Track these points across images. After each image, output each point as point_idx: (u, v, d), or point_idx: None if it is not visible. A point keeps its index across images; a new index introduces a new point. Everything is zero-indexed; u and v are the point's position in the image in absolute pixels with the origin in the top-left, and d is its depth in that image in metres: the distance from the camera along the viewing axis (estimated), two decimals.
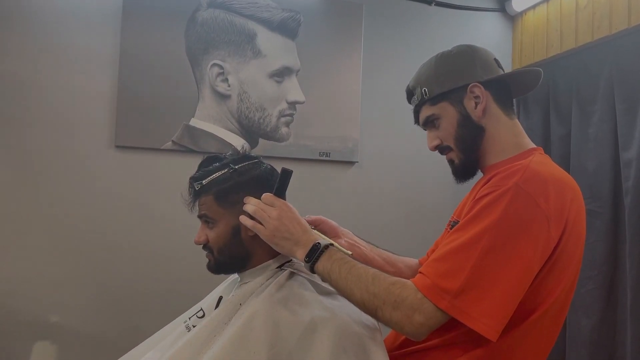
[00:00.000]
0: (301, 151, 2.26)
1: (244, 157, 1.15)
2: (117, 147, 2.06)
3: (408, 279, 1.25)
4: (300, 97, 2.27)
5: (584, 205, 1.09)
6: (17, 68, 1.97)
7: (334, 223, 1.32)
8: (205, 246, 1.13)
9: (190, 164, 1.26)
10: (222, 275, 1.22)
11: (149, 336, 1.25)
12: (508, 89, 1.20)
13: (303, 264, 1.04)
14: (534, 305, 0.99)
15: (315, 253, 1.02)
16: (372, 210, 2.40)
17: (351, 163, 2.36)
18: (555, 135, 2.35)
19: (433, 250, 1.37)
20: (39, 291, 1.99)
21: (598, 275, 2.10)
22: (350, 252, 1.06)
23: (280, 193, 1.09)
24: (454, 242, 0.97)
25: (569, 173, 2.22)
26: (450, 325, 0.97)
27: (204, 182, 1.10)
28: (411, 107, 1.25)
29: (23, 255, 1.98)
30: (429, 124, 1.20)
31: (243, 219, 1.06)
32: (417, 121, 1.25)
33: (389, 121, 2.42)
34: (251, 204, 1.06)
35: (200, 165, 1.15)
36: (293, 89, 2.26)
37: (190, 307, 1.28)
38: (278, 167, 1.15)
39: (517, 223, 0.94)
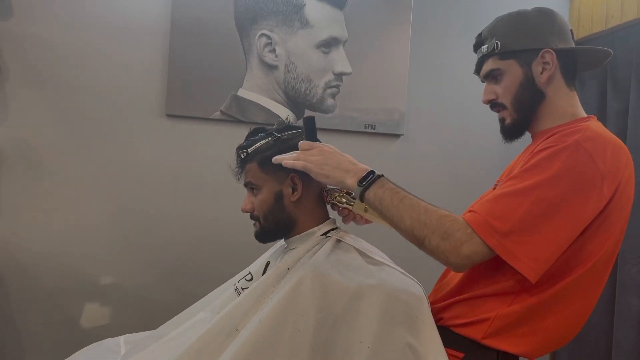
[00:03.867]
0: (346, 123, 2.26)
1: (287, 126, 1.20)
2: (168, 115, 2.12)
3: None
4: (347, 68, 2.25)
5: (634, 171, 1.11)
6: (69, 36, 2.04)
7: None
8: (252, 215, 1.16)
9: (238, 134, 1.29)
10: (270, 243, 1.25)
11: (198, 299, 1.31)
12: (575, 62, 1.19)
13: (355, 189, 1.06)
14: (581, 259, 1.03)
15: (368, 179, 1.05)
16: (417, 184, 2.36)
17: (396, 136, 2.34)
18: (612, 110, 2.26)
19: None
20: (93, 252, 2.09)
21: None
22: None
23: (313, 138, 1.12)
24: (509, 187, 0.99)
25: None
26: (495, 273, 1.05)
27: (249, 150, 1.14)
28: (477, 56, 1.24)
29: (77, 217, 2.07)
30: (490, 77, 1.21)
31: (290, 163, 1.07)
32: (477, 71, 1.25)
33: (437, 94, 2.38)
34: (289, 153, 1.09)
35: (248, 136, 1.20)
36: (340, 60, 2.25)
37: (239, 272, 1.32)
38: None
39: (573, 178, 0.96)
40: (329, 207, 1.22)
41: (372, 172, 1.07)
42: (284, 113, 2.20)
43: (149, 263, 2.13)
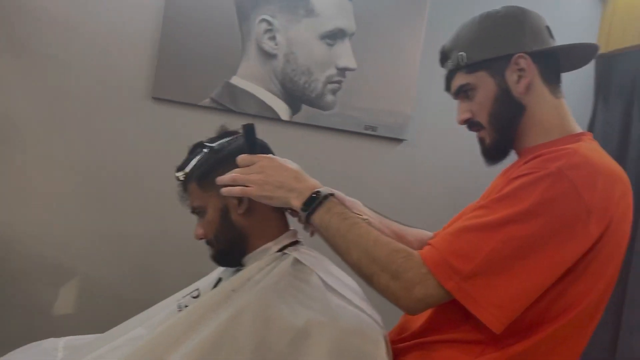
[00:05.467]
0: (346, 122, 2.10)
1: (221, 134, 1.08)
2: (154, 98, 1.98)
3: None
4: (351, 63, 2.09)
5: (632, 204, 0.95)
6: (56, 5, 1.90)
7: (342, 195, 1.20)
8: (207, 241, 1.04)
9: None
10: None
11: (169, 295, 1.21)
12: (557, 64, 1.04)
13: (299, 213, 0.94)
14: (562, 307, 0.89)
15: (313, 202, 0.91)
16: (417, 194, 2.22)
17: (399, 140, 2.18)
18: (636, 133, 2.07)
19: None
20: (66, 238, 1.98)
21: None
22: (366, 218, 0.95)
23: (253, 150, 0.99)
24: (476, 219, 0.87)
25: None
26: (462, 318, 0.91)
27: (186, 169, 1.03)
28: (444, 71, 1.10)
29: (52, 200, 1.96)
30: (462, 93, 1.06)
31: (227, 191, 0.95)
32: (447, 88, 1.11)
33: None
34: (227, 174, 0.96)
35: (187, 156, 1.09)
36: (345, 54, 2.08)
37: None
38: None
39: (551, 213, 0.83)
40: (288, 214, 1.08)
41: (318, 192, 0.93)
42: (280, 106, 2.05)
43: (122, 253, 2.02)
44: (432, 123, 2.20)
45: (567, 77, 1.08)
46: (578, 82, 2.28)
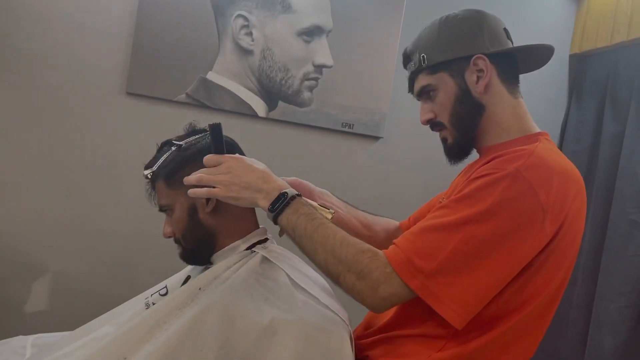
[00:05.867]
0: (323, 119, 2.10)
1: (190, 132, 1.07)
2: (128, 93, 1.96)
3: (383, 243, 1.27)
4: (328, 60, 2.09)
5: (586, 201, 0.99)
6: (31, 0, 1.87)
7: (309, 184, 1.24)
8: (175, 239, 1.03)
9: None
10: None
11: (143, 291, 1.19)
12: (515, 65, 1.07)
13: (267, 213, 0.94)
14: (520, 301, 0.92)
15: (279, 203, 0.92)
16: (393, 190, 2.23)
17: (375, 138, 2.19)
18: (608, 132, 2.10)
19: (416, 218, 1.32)
20: (39, 234, 1.95)
21: (632, 292, 1.89)
22: (332, 211, 0.96)
23: (220, 150, 0.98)
24: (438, 219, 0.89)
25: (616, 176, 2.00)
26: (427, 314, 0.93)
27: (154, 168, 1.01)
28: (407, 73, 1.13)
29: (24, 195, 1.93)
30: (424, 94, 1.09)
31: (193, 192, 0.94)
32: (411, 90, 1.13)
33: None
34: (193, 174, 0.95)
35: (155, 154, 1.07)
36: (322, 51, 2.08)
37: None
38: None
39: (509, 213, 0.86)
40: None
41: (284, 193, 0.93)
42: (256, 102, 2.04)
43: (94, 251, 1.99)
44: (407, 121, 2.21)
45: (541, 77, 1.10)
46: (552, 82, 2.31)
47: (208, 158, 0.96)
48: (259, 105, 2.05)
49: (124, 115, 1.97)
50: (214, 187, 0.93)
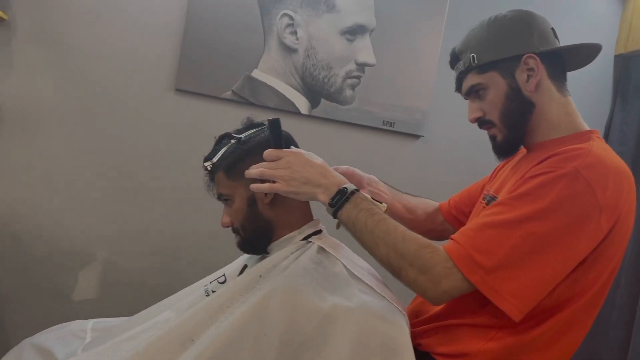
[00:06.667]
0: (364, 117, 2.13)
1: (248, 125, 1.11)
2: (177, 90, 2.02)
3: (423, 223, 1.39)
4: (371, 59, 2.11)
5: (635, 198, 1.02)
6: None
7: (359, 172, 1.31)
8: (233, 229, 1.07)
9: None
10: None
11: (188, 285, 1.24)
12: (563, 63, 1.10)
13: (326, 208, 0.97)
14: (573, 294, 0.96)
15: (339, 198, 0.95)
16: (433, 188, 2.23)
17: (416, 136, 2.20)
18: None
19: (456, 202, 1.40)
20: (87, 225, 2.02)
21: None
22: (385, 205, 0.99)
23: (278, 144, 1.01)
24: (497, 216, 0.92)
25: None
26: (480, 304, 0.97)
27: (214, 160, 1.05)
28: (449, 72, 1.17)
29: (74, 186, 2.00)
30: (473, 93, 1.12)
31: (256, 187, 0.98)
32: (458, 89, 1.16)
33: None
34: (254, 168, 0.99)
35: (214, 145, 1.12)
36: (364, 50, 2.11)
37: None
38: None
39: (568, 211, 0.89)
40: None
41: (344, 189, 0.96)
42: (299, 100, 2.07)
43: (143, 242, 2.06)
44: (448, 119, 2.21)
45: (586, 77, 1.12)
46: (597, 82, 2.28)
47: (268, 153, 0.99)
48: (301, 103, 2.08)
49: (173, 111, 2.03)
50: (274, 182, 0.97)
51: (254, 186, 0.98)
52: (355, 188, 0.97)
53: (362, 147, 2.15)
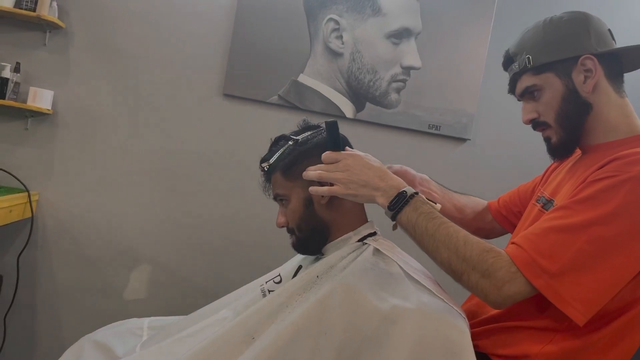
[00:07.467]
0: (409, 121, 2.12)
1: (305, 127, 1.11)
2: (225, 95, 2.06)
3: (471, 222, 1.39)
4: (416, 62, 2.10)
5: None
6: (134, 5, 2.02)
7: (411, 171, 1.31)
8: (288, 229, 1.09)
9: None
10: None
11: (236, 287, 1.26)
12: (620, 64, 1.07)
13: (385, 211, 0.97)
14: (632, 299, 0.94)
15: (398, 201, 0.95)
16: (480, 192, 2.18)
17: (462, 140, 2.18)
18: None
19: (505, 202, 1.38)
20: (138, 227, 2.08)
21: None
22: (439, 206, 0.98)
23: (336, 147, 1.01)
24: (560, 220, 0.91)
25: None
26: (540, 307, 0.97)
27: (271, 161, 1.06)
28: (508, 74, 1.15)
29: (127, 189, 2.06)
30: (528, 95, 1.10)
31: (314, 189, 0.99)
32: (512, 90, 1.15)
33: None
34: (312, 170, 0.99)
35: (270, 147, 1.12)
36: (410, 53, 2.10)
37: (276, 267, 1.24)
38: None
39: (633, 215, 0.87)
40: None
41: (403, 192, 0.95)
42: (345, 104, 2.08)
43: (195, 245, 2.10)
44: (495, 123, 2.18)
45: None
46: None
47: (326, 155, 1.00)
48: (346, 107, 2.09)
49: (221, 115, 2.07)
50: (332, 185, 0.98)
51: (313, 189, 0.99)
52: (415, 191, 0.97)
53: (408, 151, 2.14)
